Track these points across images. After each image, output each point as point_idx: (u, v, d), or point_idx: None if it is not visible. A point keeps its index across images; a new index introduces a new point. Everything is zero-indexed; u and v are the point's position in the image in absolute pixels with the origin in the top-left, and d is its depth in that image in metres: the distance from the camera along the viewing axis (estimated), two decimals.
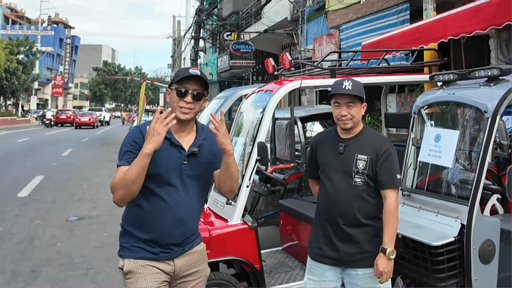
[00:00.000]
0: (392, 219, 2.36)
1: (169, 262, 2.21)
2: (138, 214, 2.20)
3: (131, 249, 2.21)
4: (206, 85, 2.24)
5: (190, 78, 2.19)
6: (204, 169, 2.27)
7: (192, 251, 2.28)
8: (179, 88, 2.19)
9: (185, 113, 2.18)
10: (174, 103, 2.21)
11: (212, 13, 20.55)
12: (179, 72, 2.28)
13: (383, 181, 2.40)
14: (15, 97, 44.51)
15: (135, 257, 2.19)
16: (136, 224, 2.22)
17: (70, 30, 68.42)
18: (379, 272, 2.33)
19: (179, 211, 2.18)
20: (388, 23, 8.44)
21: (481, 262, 2.66)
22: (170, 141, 2.18)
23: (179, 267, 2.23)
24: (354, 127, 2.49)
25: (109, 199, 8.51)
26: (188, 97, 2.18)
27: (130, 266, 2.19)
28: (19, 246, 5.67)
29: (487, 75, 2.84)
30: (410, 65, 4.59)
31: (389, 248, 2.32)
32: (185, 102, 2.18)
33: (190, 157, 2.21)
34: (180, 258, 2.24)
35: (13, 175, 11.19)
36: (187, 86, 2.19)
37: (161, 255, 2.19)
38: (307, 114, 7.11)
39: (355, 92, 2.43)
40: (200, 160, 2.24)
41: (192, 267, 2.28)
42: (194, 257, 2.28)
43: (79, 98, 77.99)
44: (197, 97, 2.20)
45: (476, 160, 2.74)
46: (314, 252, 2.53)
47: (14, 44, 40.86)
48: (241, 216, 3.38)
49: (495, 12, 4.00)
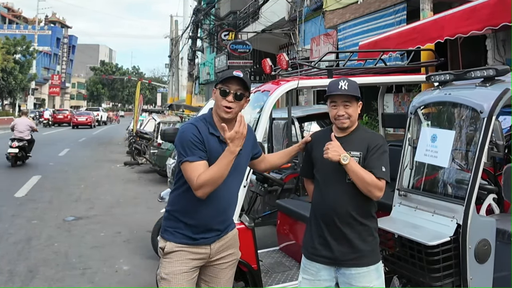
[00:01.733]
0: (368, 176, 2.34)
1: (206, 247, 2.43)
2: (189, 202, 2.38)
3: (174, 234, 2.42)
4: (247, 87, 2.43)
5: (233, 79, 2.40)
6: (244, 163, 2.54)
7: (227, 236, 2.51)
8: (223, 88, 2.40)
9: (228, 112, 2.39)
10: (218, 102, 2.42)
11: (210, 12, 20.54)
12: (224, 73, 2.50)
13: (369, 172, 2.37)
14: (12, 97, 44.35)
15: (176, 241, 2.41)
16: (184, 210, 2.42)
17: (67, 29, 68.24)
18: (326, 147, 2.37)
19: (224, 202, 2.43)
20: (385, 23, 8.46)
21: (476, 261, 2.68)
22: (218, 139, 2.40)
23: (214, 250, 2.46)
24: (350, 126, 2.51)
25: (106, 199, 8.58)
26: (230, 97, 2.39)
27: (170, 248, 2.41)
28: (16, 246, 5.66)
29: (483, 75, 2.86)
30: (407, 65, 4.61)
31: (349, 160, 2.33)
32: (227, 101, 2.39)
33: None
34: (217, 243, 2.46)
35: (10, 175, 11.17)
36: (230, 86, 2.40)
37: (201, 240, 2.41)
38: (305, 114, 7.12)
39: (352, 92, 2.46)
40: (243, 155, 2.44)
41: (226, 250, 2.50)
42: (228, 241, 2.51)
43: (76, 98, 77.77)
44: (238, 97, 2.40)
45: (472, 160, 2.75)
46: (308, 251, 2.53)
47: (11, 43, 40.71)
48: (238, 216, 3.39)
49: (491, 12, 4.01)
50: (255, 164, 2.75)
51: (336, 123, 2.51)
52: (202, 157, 2.31)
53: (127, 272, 4.88)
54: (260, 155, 2.73)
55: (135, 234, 6.24)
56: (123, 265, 5.06)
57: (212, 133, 2.40)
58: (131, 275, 4.79)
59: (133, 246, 5.75)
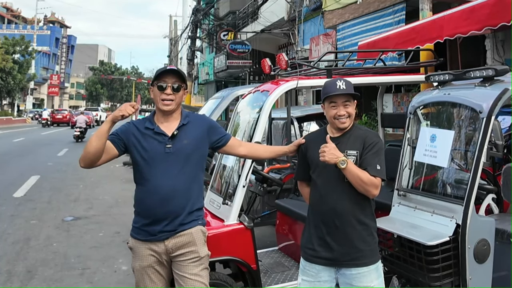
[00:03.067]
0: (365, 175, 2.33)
1: (159, 244, 2.49)
2: (137, 195, 2.57)
3: (133, 229, 2.56)
4: (183, 78, 2.54)
5: (168, 72, 2.51)
6: (190, 149, 2.53)
7: (183, 233, 2.50)
8: (159, 83, 2.50)
9: (167, 104, 2.50)
10: (157, 97, 2.52)
11: (209, 12, 20.52)
12: (157, 71, 2.57)
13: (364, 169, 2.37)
14: (11, 96, 44.33)
15: (134, 237, 2.56)
16: (137, 202, 2.57)
17: (66, 29, 68.19)
18: (322, 150, 2.36)
19: (164, 190, 2.46)
20: (384, 23, 8.46)
21: (476, 261, 2.67)
22: (153, 131, 2.51)
23: (170, 247, 2.49)
24: (349, 125, 2.51)
25: (105, 199, 8.57)
26: (168, 90, 2.50)
27: (131, 243, 2.57)
28: (14, 247, 5.65)
29: (482, 75, 2.86)
30: (406, 65, 4.61)
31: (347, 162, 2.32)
32: (165, 94, 2.49)
33: (173, 139, 2.50)
34: (171, 239, 2.49)
35: (8, 175, 11.15)
36: (166, 80, 2.50)
37: (152, 237, 2.48)
38: (304, 114, 7.12)
39: (350, 91, 2.47)
40: (184, 140, 2.51)
41: (184, 247, 2.50)
42: (186, 239, 2.50)
43: (75, 97, 77.72)
44: (176, 89, 2.51)
45: (471, 160, 2.75)
46: (307, 253, 2.51)
47: (10, 43, 40.69)
48: (238, 216, 3.39)
49: (490, 12, 4.02)
50: (232, 148, 2.74)
51: (336, 123, 2.49)
52: (110, 139, 2.48)
53: (126, 272, 4.87)
54: (227, 141, 2.70)
55: None
56: (122, 265, 5.06)
57: (147, 127, 2.52)
58: (130, 275, 4.77)
59: None
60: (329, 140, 2.42)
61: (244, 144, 2.87)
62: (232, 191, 3.49)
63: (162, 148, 2.48)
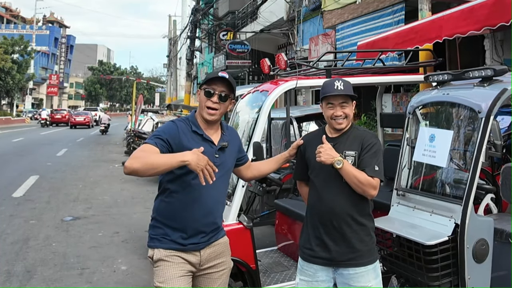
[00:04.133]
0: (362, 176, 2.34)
1: (195, 253, 2.35)
2: (173, 205, 2.34)
3: (161, 240, 2.34)
4: (233, 88, 2.41)
5: (218, 80, 2.37)
6: (230, 163, 2.49)
7: (217, 243, 2.43)
8: (207, 89, 2.37)
9: (211, 114, 2.36)
10: (202, 103, 2.39)
11: (208, 12, 20.53)
12: (209, 74, 2.46)
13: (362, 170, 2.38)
14: (10, 96, 44.29)
15: (164, 247, 2.33)
16: (169, 214, 2.34)
17: (65, 29, 68.13)
18: (318, 150, 2.36)
19: (210, 202, 2.35)
20: (383, 23, 8.47)
21: (474, 261, 2.68)
22: (202, 137, 2.37)
23: (205, 258, 2.38)
24: (347, 126, 2.50)
25: (104, 199, 8.57)
26: (214, 97, 2.36)
27: (159, 255, 2.32)
28: (13, 247, 5.65)
29: (481, 75, 2.86)
30: (405, 65, 4.61)
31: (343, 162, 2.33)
32: (211, 102, 2.36)
33: (220, 151, 2.40)
34: (206, 249, 2.38)
35: (7, 175, 11.14)
36: (215, 87, 2.37)
37: (189, 246, 2.33)
38: (303, 114, 7.12)
39: (348, 92, 2.45)
40: (228, 154, 2.45)
41: (217, 258, 2.43)
42: (219, 248, 2.44)
43: (74, 97, 77.68)
44: (223, 98, 2.38)
45: (470, 159, 2.75)
46: (305, 253, 2.51)
47: (8, 43, 40.66)
48: (237, 216, 3.39)
49: (489, 12, 4.03)
50: (242, 171, 2.68)
51: (333, 123, 2.49)
52: (157, 144, 2.22)
53: (125, 272, 4.87)
54: (246, 161, 2.67)
55: (133, 234, 6.23)
56: (121, 265, 5.06)
57: (195, 131, 2.35)
58: (129, 275, 4.79)
59: (131, 246, 5.74)
60: (325, 141, 2.42)
61: (252, 165, 2.76)
62: (231, 191, 3.50)
63: (211, 157, 2.29)
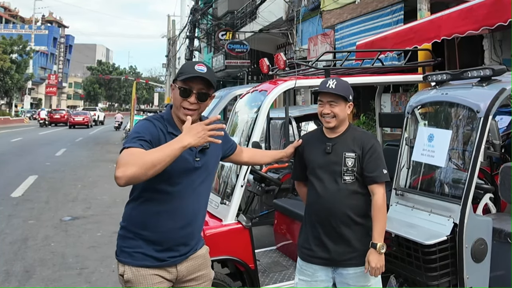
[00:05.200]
0: (380, 214, 2.38)
1: (171, 269, 2.09)
2: (147, 213, 2.04)
3: (133, 256, 2.04)
4: (212, 84, 2.08)
5: (195, 77, 2.03)
6: (213, 165, 2.22)
7: (195, 255, 2.17)
8: (182, 87, 2.04)
9: (189, 114, 2.01)
10: (177, 102, 2.06)
11: (207, 12, 20.52)
12: (184, 68, 2.10)
13: (370, 176, 2.41)
14: (8, 96, 44.24)
15: (136, 265, 2.03)
16: (142, 224, 2.04)
17: (64, 29, 68.06)
18: (371, 268, 2.34)
19: (192, 209, 2.09)
20: (382, 23, 8.47)
21: (473, 260, 2.68)
22: None
23: (181, 272, 2.12)
24: (339, 126, 2.49)
25: (103, 199, 8.56)
26: (192, 98, 2.03)
27: (131, 274, 2.03)
28: (12, 246, 5.64)
29: (480, 75, 2.86)
30: (404, 65, 4.62)
31: (379, 243, 2.34)
32: (188, 103, 2.04)
33: (201, 153, 2.10)
34: (183, 263, 2.12)
35: (6, 175, 11.12)
36: (192, 85, 2.03)
37: (164, 262, 2.06)
38: (302, 114, 7.13)
39: (338, 91, 2.43)
40: (211, 155, 2.16)
41: (196, 271, 2.17)
42: (197, 261, 2.18)
43: (73, 97, 77.60)
44: (202, 97, 2.05)
45: (469, 159, 2.76)
46: (304, 253, 2.52)
47: (7, 43, 40.60)
48: (236, 215, 3.39)
49: (488, 12, 4.03)
50: (237, 155, 2.45)
51: (322, 121, 2.52)
52: (144, 146, 1.90)
53: None
54: (235, 149, 2.43)
55: None
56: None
57: (171, 132, 2.04)
58: None
59: None
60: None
61: (245, 150, 2.58)
62: (230, 191, 3.50)
63: (191, 160, 2.05)
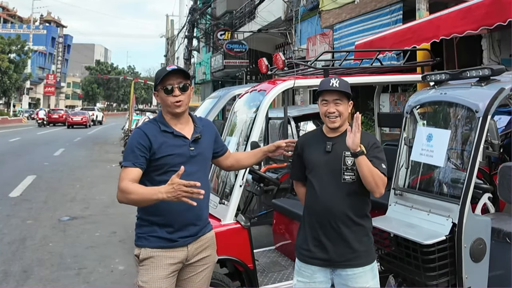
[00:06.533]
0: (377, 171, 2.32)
1: (183, 249, 2.34)
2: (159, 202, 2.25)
3: (148, 239, 2.33)
4: (187, 75, 2.41)
5: (170, 74, 2.35)
6: (208, 153, 2.50)
7: (204, 237, 2.43)
8: (165, 87, 2.36)
9: (178, 105, 2.35)
10: (166, 101, 2.37)
11: (206, 12, 20.51)
12: (158, 73, 2.42)
13: None
14: (6, 96, 44.16)
15: (151, 246, 2.32)
16: (153, 211, 2.32)
17: (63, 29, 68.00)
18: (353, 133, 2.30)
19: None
20: (381, 23, 8.47)
21: (472, 260, 2.68)
22: (172, 134, 2.36)
23: (192, 252, 2.37)
24: (341, 125, 2.48)
25: (101, 199, 8.56)
26: (176, 91, 2.35)
27: (146, 254, 2.31)
28: (10, 246, 5.63)
29: (479, 75, 2.87)
30: (403, 65, 4.62)
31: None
32: (174, 97, 2.35)
33: (194, 143, 2.39)
34: (194, 244, 2.38)
35: (4, 175, 11.10)
36: (171, 82, 2.36)
37: (176, 243, 2.32)
38: (301, 114, 7.12)
39: (343, 89, 2.43)
40: (204, 145, 2.44)
41: (202, 252, 2.42)
42: (205, 243, 2.43)
43: (72, 97, 77.50)
44: (183, 88, 2.37)
45: (468, 159, 2.76)
46: (302, 254, 2.50)
47: (5, 43, 40.54)
48: (234, 215, 3.39)
49: (486, 12, 4.03)
50: (221, 161, 2.67)
51: (326, 121, 2.48)
52: (136, 163, 2.26)
53: (122, 272, 4.86)
54: (224, 152, 2.66)
55: (130, 234, 6.21)
56: (119, 265, 5.05)
57: (164, 130, 2.35)
58: (127, 275, 4.78)
59: (128, 246, 5.73)
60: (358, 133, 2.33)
61: (232, 155, 2.76)
62: (229, 191, 3.49)
63: (185, 150, 2.35)
